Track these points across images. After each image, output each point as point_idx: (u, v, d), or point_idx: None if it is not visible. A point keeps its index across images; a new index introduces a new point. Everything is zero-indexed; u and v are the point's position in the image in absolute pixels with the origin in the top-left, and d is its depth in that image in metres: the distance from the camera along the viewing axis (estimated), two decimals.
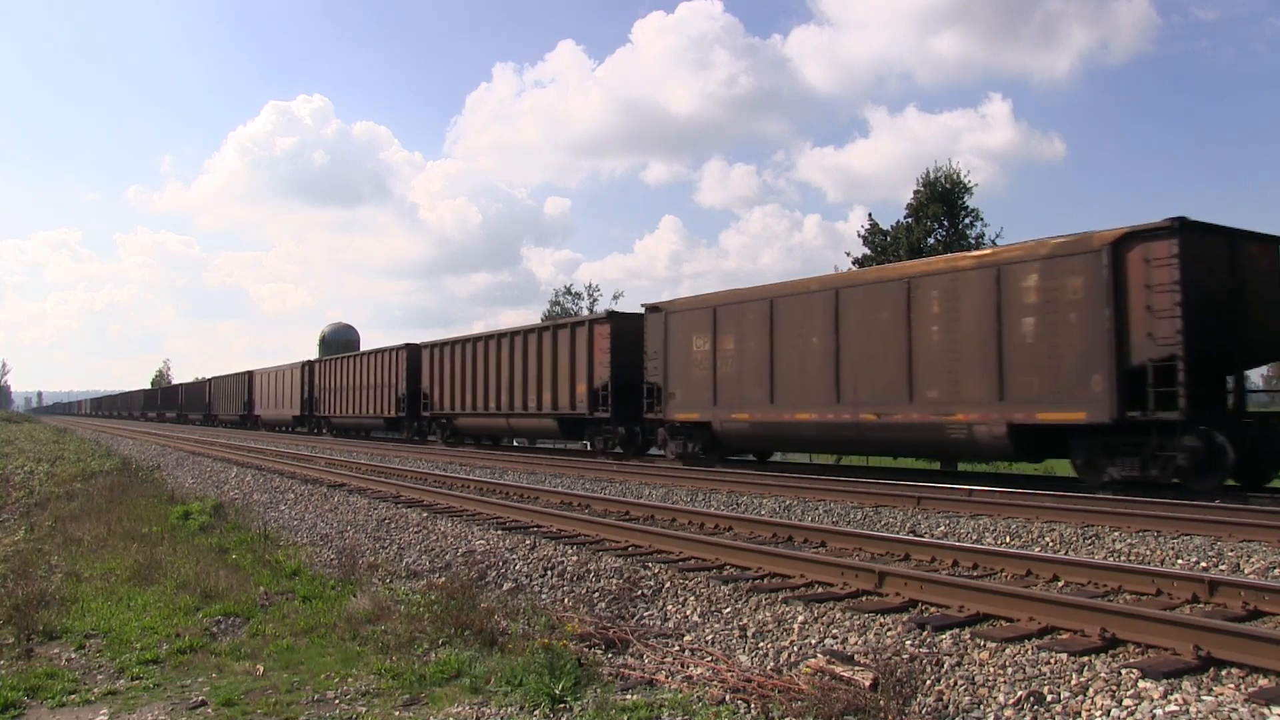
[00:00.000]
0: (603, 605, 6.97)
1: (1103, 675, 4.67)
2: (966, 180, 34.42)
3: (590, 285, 77.53)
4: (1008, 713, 4.44)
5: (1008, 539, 9.30)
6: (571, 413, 22.89)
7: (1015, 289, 13.04)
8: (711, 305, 18.53)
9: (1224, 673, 4.62)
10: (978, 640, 5.37)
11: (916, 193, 34.47)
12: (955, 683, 4.86)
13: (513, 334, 26.04)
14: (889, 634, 5.70)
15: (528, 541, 9.35)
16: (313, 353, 63.15)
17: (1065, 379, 12.36)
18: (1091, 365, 12.08)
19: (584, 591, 7.40)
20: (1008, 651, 5.17)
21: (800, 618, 6.16)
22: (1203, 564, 7.73)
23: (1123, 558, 8.22)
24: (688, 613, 6.65)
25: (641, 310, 20.94)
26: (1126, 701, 4.37)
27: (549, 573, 8.09)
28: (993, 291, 13.28)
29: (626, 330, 21.57)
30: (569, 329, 23.56)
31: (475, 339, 28.07)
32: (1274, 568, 7.46)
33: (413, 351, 32.18)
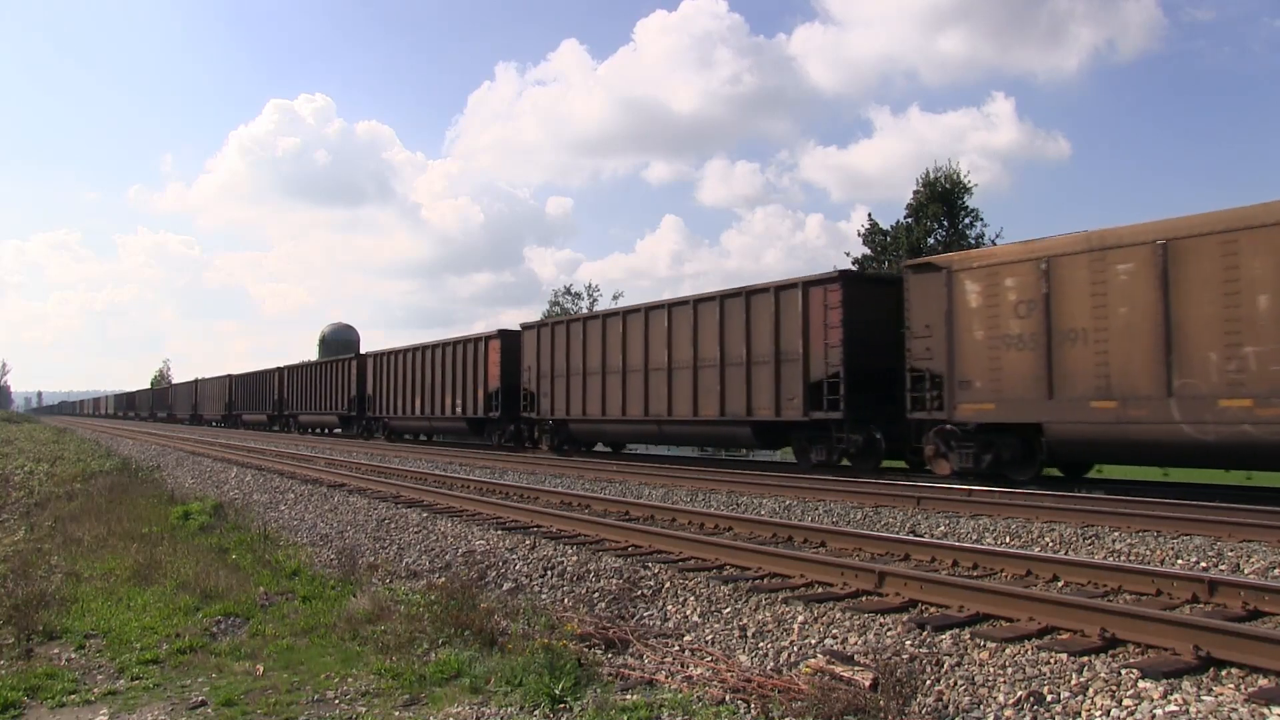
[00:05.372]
0: (603, 605, 6.97)
1: (1103, 675, 4.67)
2: (967, 180, 34.54)
3: (590, 285, 77.70)
4: (1008, 713, 4.44)
5: (1008, 539, 9.30)
6: (778, 413, 16.92)
7: None
8: (1040, 257, 13.35)
9: (1224, 673, 4.62)
10: (978, 640, 5.38)
11: (916, 193, 34.59)
12: (955, 683, 4.86)
13: (670, 306, 19.89)
14: (889, 634, 5.70)
15: (528, 541, 9.35)
16: (312, 353, 62.70)
17: None
18: None
19: (584, 591, 7.40)
20: (1008, 651, 5.17)
21: (800, 618, 6.16)
22: (1203, 564, 7.73)
23: (1123, 558, 8.22)
24: (688, 613, 6.65)
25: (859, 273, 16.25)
26: (1126, 701, 4.37)
27: (549, 573, 8.09)
28: None
29: (865, 297, 16.11)
30: (770, 294, 17.20)
31: (609, 315, 22.14)
32: (1274, 568, 7.46)
33: (511, 340, 26.22)
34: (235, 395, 55.86)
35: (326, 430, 42.77)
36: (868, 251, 36.53)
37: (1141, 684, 4.51)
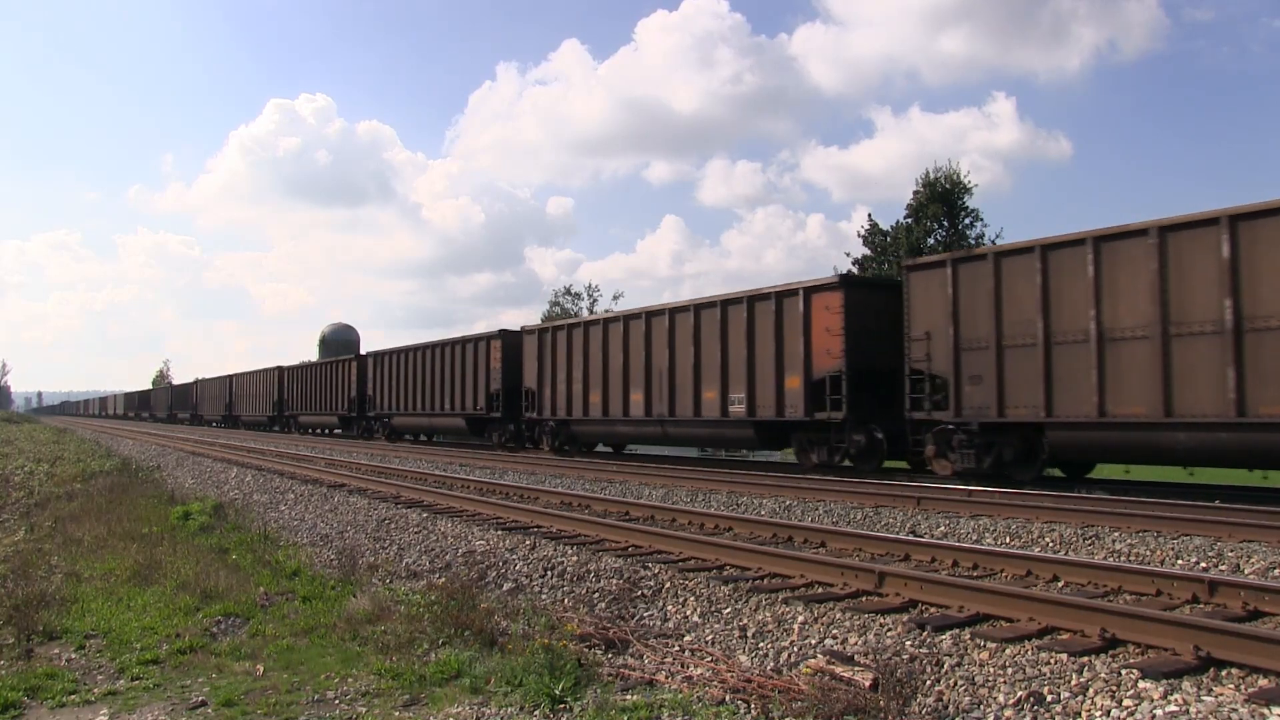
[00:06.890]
0: (603, 605, 6.97)
1: (1103, 675, 4.67)
2: (967, 180, 34.52)
3: (590, 285, 77.64)
4: (1008, 713, 4.44)
5: (1008, 539, 9.30)
6: None
7: None
8: None
9: (1224, 673, 4.62)
10: (978, 640, 5.37)
11: (916, 193, 34.59)
12: (955, 683, 4.86)
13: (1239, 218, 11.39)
14: (889, 634, 5.70)
15: (528, 542, 9.35)
16: (313, 353, 62.02)
17: None
18: None
19: (584, 592, 7.40)
20: (1008, 652, 5.17)
21: (800, 618, 6.16)
22: (1203, 564, 7.73)
23: (1123, 558, 8.22)
24: (688, 613, 6.65)
25: None
26: (1126, 702, 4.37)
27: (549, 573, 8.09)
28: None
29: None
30: None
31: (1103, 237, 12.79)
32: (1274, 568, 7.46)
33: (863, 293, 16.51)
34: (287, 393, 45.63)
35: (436, 437, 33.50)
36: (868, 252, 36.57)
37: (1141, 684, 4.51)
